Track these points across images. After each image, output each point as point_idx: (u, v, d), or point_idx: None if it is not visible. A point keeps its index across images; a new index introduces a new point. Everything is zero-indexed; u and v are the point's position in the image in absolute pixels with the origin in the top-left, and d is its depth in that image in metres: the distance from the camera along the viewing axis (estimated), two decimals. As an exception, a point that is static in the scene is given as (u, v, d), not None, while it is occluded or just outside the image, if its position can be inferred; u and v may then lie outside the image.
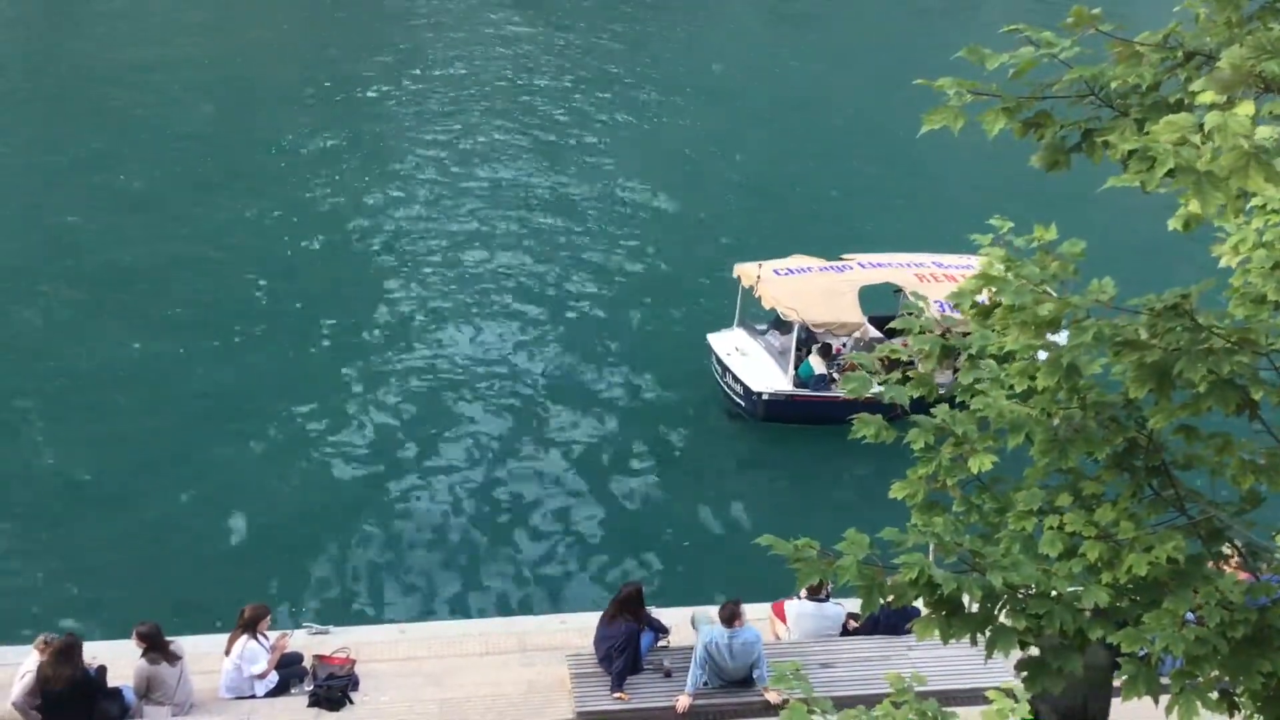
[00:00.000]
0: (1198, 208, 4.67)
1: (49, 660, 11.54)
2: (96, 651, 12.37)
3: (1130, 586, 5.95)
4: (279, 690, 12.48)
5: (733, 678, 12.18)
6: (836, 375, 20.15)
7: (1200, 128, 4.58)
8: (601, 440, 20.05)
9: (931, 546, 6.04)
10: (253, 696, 12.38)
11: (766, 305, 20.57)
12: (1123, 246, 23.78)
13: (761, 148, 33.71)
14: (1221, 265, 6.63)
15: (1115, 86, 5.75)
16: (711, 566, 17.06)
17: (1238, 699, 6.04)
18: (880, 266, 21.42)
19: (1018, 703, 5.88)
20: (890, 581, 5.77)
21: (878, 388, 6.92)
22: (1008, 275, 6.17)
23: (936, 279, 20.54)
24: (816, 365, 20.51)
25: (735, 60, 42.00)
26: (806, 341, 20.94)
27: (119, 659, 12.31)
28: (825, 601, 13.37)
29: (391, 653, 13.28)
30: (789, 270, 21.01)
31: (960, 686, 11.86)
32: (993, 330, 6.43)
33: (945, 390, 6.97)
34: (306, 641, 13.23)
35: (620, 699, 12.11)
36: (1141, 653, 5.84)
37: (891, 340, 7.50)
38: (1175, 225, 5.26)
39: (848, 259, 21.62)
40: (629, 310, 24.37)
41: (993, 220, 6.73)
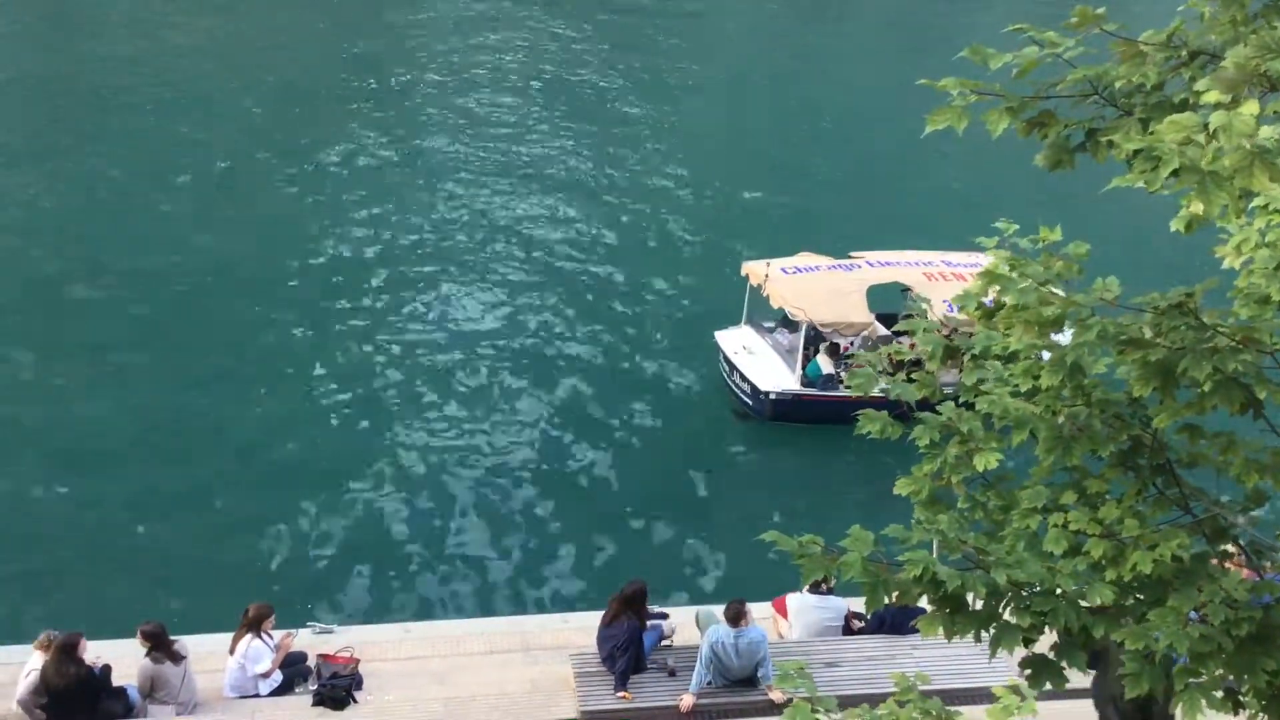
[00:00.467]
0: (1199, 208, 4.68)
1: (51, 658, 11.56)
2: (100, 650, 12.36)
3: (1134, 584, 5.96)
4: (283, 689, 12.48)
5: (737, 677, 12.17)
6: (844, 374, 20.12)
7: (1205, 127, 4.59)
8: (607, 439, 20.05)
9: (935, 543, 6.05)
10: (257, 695, 12.38)
11: (774, 304, 20.48)
12: (1127, 245, 23.75)
13: (772, 143, 33.70)
14: (1224, 266, 6.63)
15: (1119, 86, 5.76)
16: (716, 565, 17.07)
17: (1242, 697, 6.05)
18: (888, 265, 21.31)
19: (1024, 700, 5.88)
20: (895, 578, 5.78)
21: (883, 385, 6.93)
22: (1012, 275, 6.18)
23: (945, 278, 20.44)
24: (824, 364, 20.46)
25: (745, 56, 41.98)
26: (814, 340, 20.85)
27: (123, 658, 12.33)
28: (827, 594, 13.35)
29: (395, 652, 13.29)
30: (797, 269, 20.93)
31: (965, 685, 11.85)
32: (997, 330, 6.44)
33: (951, 390, 6.98)
34: (311, 640, 13.24)
35: (624, 698, 12.09)
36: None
37: (899, 339, 7.53)
38: (1177, 226, 5.26)
39: (856, 257, 21.51)
40: (636, 309, 24.37)
41: (998, 223, 6.74)
